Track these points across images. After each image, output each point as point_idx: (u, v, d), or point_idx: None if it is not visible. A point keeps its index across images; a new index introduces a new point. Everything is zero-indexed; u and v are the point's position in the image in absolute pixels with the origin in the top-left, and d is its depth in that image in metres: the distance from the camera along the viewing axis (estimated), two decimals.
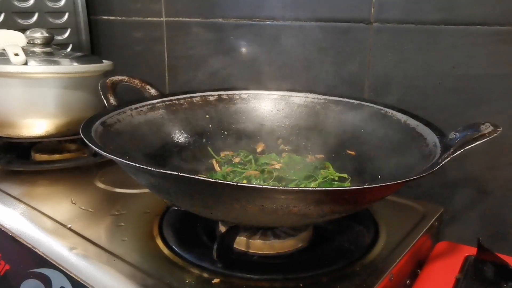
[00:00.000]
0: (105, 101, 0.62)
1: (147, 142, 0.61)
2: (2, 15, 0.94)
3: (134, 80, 0.68)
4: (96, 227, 0.57)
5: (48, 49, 0.81)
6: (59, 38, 1.03)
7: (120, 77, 0.67)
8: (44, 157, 0.80)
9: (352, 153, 0.63)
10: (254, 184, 0.55)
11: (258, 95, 0.71)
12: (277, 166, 0.61)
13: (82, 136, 0.48)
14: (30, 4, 0.98)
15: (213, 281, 0.45)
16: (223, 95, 0.71)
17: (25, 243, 0.54)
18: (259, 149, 0.68)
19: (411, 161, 0.52)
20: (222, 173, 0.61)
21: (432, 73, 0.67)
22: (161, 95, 0.68)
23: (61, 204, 0.63)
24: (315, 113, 0.69)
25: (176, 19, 0.95)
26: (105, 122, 0.56)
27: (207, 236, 0.55)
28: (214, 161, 0.65)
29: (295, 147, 0.68)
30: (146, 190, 0.66)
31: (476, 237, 0.55)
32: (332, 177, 0.60)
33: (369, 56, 0.72)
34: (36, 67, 0.75)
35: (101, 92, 0.63)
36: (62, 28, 1.05)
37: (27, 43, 0.82)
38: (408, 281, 0.54)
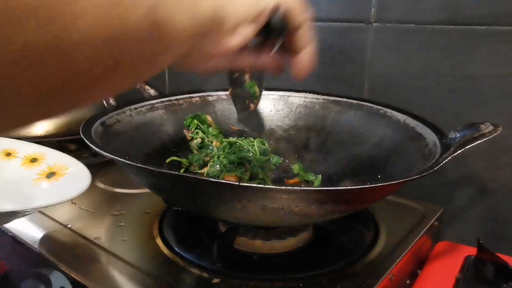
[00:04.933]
0: (104, 101, 0.62)
1: (146, 142, 0.61)
2: None
3: None
4: (96, 227, 0.57)
5: None
6: None
7: None
8: None
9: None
10: (255, 184, 0.55)
11: None
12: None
13: (82, 136, 0.48)
14: None
15: (213, 281, 0.45)
16: (222, 95, 0.71)
17: (25, 243, 0.54)
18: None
19: (411, 161, 0.52)
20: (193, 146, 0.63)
21: (432, 73, 0.67)
22: (160, 95, 0.68)
23: (61, 204, 0.63)
24: (314, 113, 0.69)
25: None
26: (105, 123, 0.56)
27: (207, 236, 0.55)
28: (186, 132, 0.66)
29: (294, 147, 0.68)
30: (146, 190, 0.66)
31: (476, 237, 0.55)
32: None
33: (369, 56, 0.72)
34: None
35: None
36: None
37: None
38: (408, 281, 0.54)
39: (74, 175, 0.58)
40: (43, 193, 0.57)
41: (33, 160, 0.63)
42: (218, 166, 0.58)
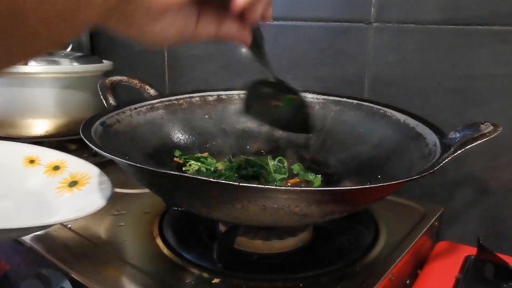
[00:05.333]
0: (104, 102, 0.62)
1: (146, 142, 0.61)
2: None
3: (133, 80, 0.68)
4: (96, 227, 0.57)
5: None
6: None
7: (119, 77, 0.67)
8: None
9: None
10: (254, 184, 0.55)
11: None
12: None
13: (82, 137, 0.48)
14: None
15: (213, 281, 0.45)
16: (222, 95, 0.71)
17: (25, 243, 0.54)
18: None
19: (411, 160, 0.52)
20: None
21: (432, 73, 0.67)
22: (160, 95, 0.68)
23: None
24: (314, 113, 0.68)
25: None
26: (105, 123, 0.56)
27: (207, 236, 0.55)
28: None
29: (294, 147, 0.68)
30: (146, 190, 0.66)
31: (476, 237, 0.55)
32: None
33: (369, 56, 0.72)
34: (36, 67, 0.75)
35: (100, 93, 0.63)
36: None
37: None
38: (408, 281, 0.54)
39: (96, 185, 0.58)
40: (65, 203, 0.57)
41: (56, 168, 0.63)
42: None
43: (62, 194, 0.59)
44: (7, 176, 0.62)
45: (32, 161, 0.64)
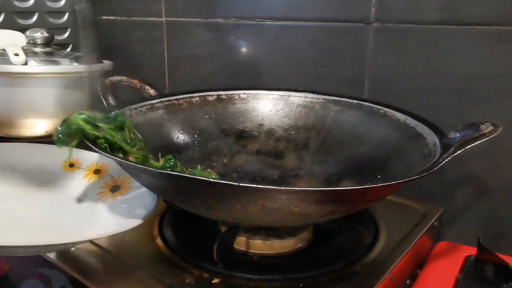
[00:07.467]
0: (104, 102, 0.62)
1: (146, 142, 0.61)
2: (2, 15, 0.94)
3: (133, 80, 0.68)
4: None
5: (48, 49, 0.81)
6: (59, 38, 1.03)
7: (119, 77, 0.67)
8: None
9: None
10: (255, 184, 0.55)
11: (257, 95, 0.71)
12: None
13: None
14: (30, 4, 0.98)
15: (213, 281, 0.45)
16: (222, 95, 0.71)
17: None
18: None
19: (411, 160, 0.52)
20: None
21: (432, 73, 0.67)
22: (160, 95, 0.68)
23: None
24: (314, 112, 0.69)
25: (176, 19, 0.95)
26: None
27: (207, 236, 0.55)
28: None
29: (293, 147, 0.68)
30: None
31: (476, 237, 0.55)
32: None
33: (369, 56, 0.72)
34: (36, 67, 0.75)
35: (100, 93, 0.63)
36: (62, 28, 1.05)
37: (27, 43, 0.82)
38: (408, 281, 0.54)
39: (139, 190, 0.56)
40: (107, 211, 0.54)
41: (97, 171, 0.61)
42: None
43: (104, 199, 0.56)
44: (48, 181, 0.60)
45: (71, 165, 0.62)
